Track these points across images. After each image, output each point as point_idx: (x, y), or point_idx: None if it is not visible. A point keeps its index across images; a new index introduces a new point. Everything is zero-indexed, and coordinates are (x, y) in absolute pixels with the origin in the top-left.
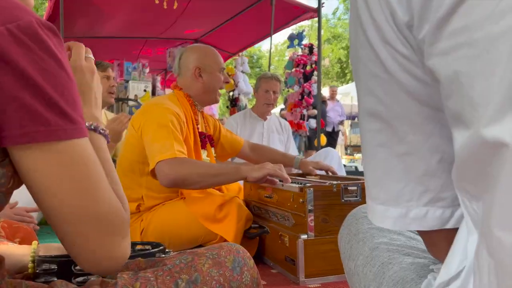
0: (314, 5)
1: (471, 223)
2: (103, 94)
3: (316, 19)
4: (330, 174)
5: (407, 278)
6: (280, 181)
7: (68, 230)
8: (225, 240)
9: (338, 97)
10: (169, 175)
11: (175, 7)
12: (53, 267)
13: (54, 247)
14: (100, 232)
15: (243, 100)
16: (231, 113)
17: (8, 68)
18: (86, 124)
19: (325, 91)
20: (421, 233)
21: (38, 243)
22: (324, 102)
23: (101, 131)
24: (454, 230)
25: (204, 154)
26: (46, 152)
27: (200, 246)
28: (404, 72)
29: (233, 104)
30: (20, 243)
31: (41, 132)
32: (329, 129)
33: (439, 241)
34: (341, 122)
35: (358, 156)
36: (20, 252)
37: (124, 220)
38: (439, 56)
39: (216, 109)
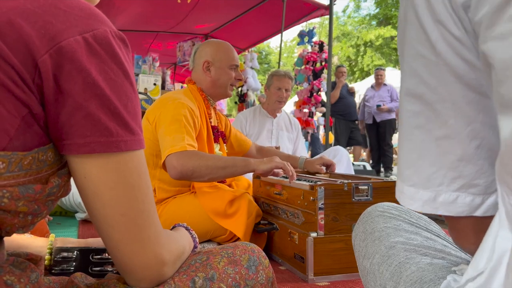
0: (326, 2)
1: (504, 217)
2: None
3: (326, 16)
4: (326, 169)
5: (425, 278)
6: (286, 177)
7: (114, 236)
8: (235, 235)
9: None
10: (177, 167)
11: (189, 1)
12: (71, 255)
13: (70, 241)
14: (141, 240)
15: (252, 96)
16: (239, 109)
17: (80, 76)
18: None
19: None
20: (448, 218)
21: (50, 233)
22: (352, 94)
23: None
24: (483, 219)
25: (216, 148)
26: (105, 162)
27: (209, 241)
28: (455, 54)
29: (242, 99)
30: (32, 232)
31: (102, 142)
32: (369, 121)
33: (465, 228)
34: (379, 107)
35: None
36: (38, 244)
37: (161, 233)
38: (496, 40)
39: (224, 105)
